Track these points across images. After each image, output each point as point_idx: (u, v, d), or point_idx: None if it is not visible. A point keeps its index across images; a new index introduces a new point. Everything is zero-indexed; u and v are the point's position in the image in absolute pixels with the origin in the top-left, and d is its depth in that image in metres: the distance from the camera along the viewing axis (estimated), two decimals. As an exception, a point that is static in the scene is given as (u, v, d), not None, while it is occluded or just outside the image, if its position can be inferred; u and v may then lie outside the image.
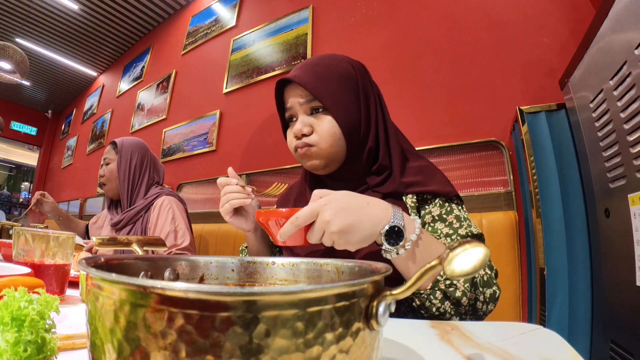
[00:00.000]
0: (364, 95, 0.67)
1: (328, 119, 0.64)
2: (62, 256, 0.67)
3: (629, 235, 0.69)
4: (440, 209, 0.63)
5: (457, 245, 0.21)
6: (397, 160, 0.67)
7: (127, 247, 0.48)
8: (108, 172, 1.39)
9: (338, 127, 0.63)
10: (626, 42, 0.69)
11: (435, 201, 0.64)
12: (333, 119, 0.63)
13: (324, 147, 0.64)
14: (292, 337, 0.16)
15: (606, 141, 0.79)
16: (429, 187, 0.64)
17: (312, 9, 2.08)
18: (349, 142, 0.65)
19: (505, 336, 0.36)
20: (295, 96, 0.66)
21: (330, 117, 0.64)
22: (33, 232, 0.65)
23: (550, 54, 1.25)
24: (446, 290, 0.52)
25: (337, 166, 0.67)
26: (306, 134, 0.65)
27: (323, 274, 0.32)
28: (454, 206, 0.64)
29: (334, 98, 0.63)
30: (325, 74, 0.64)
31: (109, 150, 1.43)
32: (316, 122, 0.65)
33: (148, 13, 3.48)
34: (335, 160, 0.66)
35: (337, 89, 0.64)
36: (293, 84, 0.66)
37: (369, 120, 0.67)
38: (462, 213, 0.63)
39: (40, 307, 0.24)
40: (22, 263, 0.60)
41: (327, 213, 0.46)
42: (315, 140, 0.64)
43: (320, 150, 0.64)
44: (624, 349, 0.73)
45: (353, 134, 0.64)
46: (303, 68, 0.66)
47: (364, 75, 0.69)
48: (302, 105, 0.65)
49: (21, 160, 6.68)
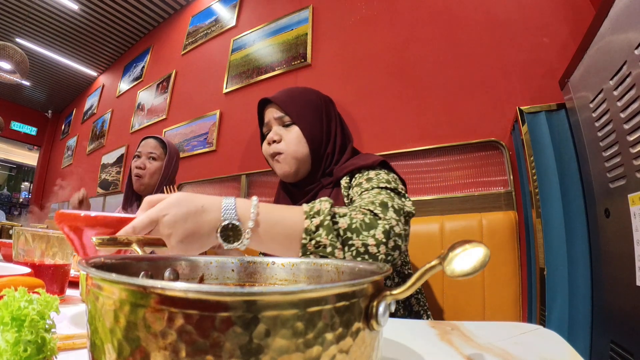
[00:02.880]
0: (326, 117, 0.84)
1: (295, 130, 0.80)
2: (62, 256, 0.67)
3: (629, 235, 0.69)
4: (359, 179, 0.73)
5: (457, 245, 0.21)
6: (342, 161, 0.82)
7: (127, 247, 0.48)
8: (153, 167, 1.38)
9: (303, 137, 0.79)
10: (626, 42, 0.69)
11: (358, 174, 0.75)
12: (299, 130, 0.79)
13: (290, 152, 0.79)
14: (292, 337, 0.16)
15: (606, 141, 0.79)
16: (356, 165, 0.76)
17: (312, 9, 2.08)
18: (312, 149, 0.79)
19: (505, 336, 0.36)
20: (271, 112, 0.83)
21: (297, 129, 0.80)
22: (33, 232, 0.65)
23: (550, 54, 1.25)
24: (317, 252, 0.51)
25: (305, 173, 0.81)
26: (276, 141, 0.80)
27: (323, 274, 0.32)
28: (372, 171, 0.73)
29: (300, 114, 0.80)
30: (296, 97, 0.83)
31: (155, 146, 1.41)
32: (285, 132, 0.81)
33: (148, 13, 3.48)
34: (301, 166, 0.80)
35: (303, 108, 0.81)
36: (271, 104, 0.85)
37: (329, 135, 0.83)
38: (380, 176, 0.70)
39: (40, 307, 0.24)
40: (22, 263, 0.60)
41: (166, 228, 0.45)
42: (283, 147, 0.79)
43: (287, 156, 0.79)
44: (624, 349, 0.73)
45: (316, 142, 0.80)
46: (280, 92, 0.85)
47: (328, 104, 0.87)
48: (276, 120, 0.82)
49: (21, 160, 6.68)
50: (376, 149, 1.58)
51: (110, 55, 4.24)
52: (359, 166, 0.75)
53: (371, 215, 0.55)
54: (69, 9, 3.42)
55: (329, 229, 0.50)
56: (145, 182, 1.37)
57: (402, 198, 0.67)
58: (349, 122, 0.95)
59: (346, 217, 0.53)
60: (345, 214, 0.54)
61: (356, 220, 0.53)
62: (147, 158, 1.39)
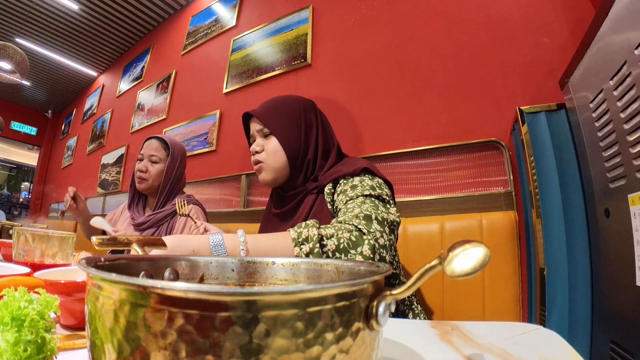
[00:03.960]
0: (305, 125, 0.86)
1: (273, 140, 0.84)
2: (62, 256, 0.67)
3: (629, 235, 0.69)
4: (343, 186, 0.75)
5: (456, 245, 0.21)
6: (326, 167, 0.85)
7: (127, 247, 0.48)
8: (155, 171, 1.34)
9: (280, 147, 0.83)
10: (626, 42, 0.69)
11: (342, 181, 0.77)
12: (277, 140, 0.83)
13: (269, 162, 0.84)
14: (292, 337, 0.16)
15: (606, 141, 0.79)
16: (340, 172, 0.78)
17: (312, 9, 2.08)
18: (290, 157, 0.83)
19: (505, 336, 0.36)
20: (254, 125, 0.88)
21: (275, 139, 0.83)
22: (33, 232, 0.65)
23: (550, 54, 1.25)
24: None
25: (284, 180, 0.86)
26: (258, 151, 0.85)
27: (323, 274, 0.32)
28: (356, 178, 0.76)
29: (277, 125, 0.84)
30: (273, 108, 0.87)
31: (157, 148, 1.37)
32: (266, 143, 0.85)
33: (148, 13, 3.48)
34: (280, 174, 0.84)
35: (280, 119, 0.84)
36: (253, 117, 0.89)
37: (308, 142, 0.85)
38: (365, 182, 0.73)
39: (40, 307, 0.24)
40: (22, 263, 0.60)
41: None
42: (263, 157, 0.84)
43: (267, 165, 0.84)
44: (624, 349, 0.73)
45: (293, 150, 0.83)
46: (261, 105, 0.89)
47: (308, 111, 0.89)
48: (258, 132, 0.86)
49: (21, 160, 6.68)
50: (376, 149, 1.58)
51: (110, 55, 4.24)
52: (342, 174, 0.77)
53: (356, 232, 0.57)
54: (69, 9, 3.42)
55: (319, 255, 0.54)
56: (149, 184, 1.34)
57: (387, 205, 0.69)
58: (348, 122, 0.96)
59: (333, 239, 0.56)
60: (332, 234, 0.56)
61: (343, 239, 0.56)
62: (149, 161, 1.35)
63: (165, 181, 1.34)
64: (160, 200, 1.34)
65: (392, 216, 0.66)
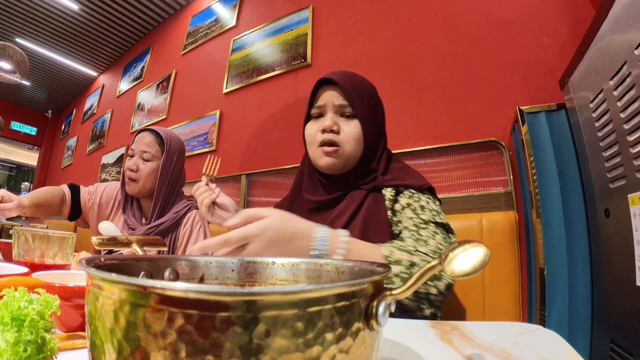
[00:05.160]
0: (380, 113, 0.78)
1: (355, 124, 0.72)
2: (62, 256, 0.67)
3: (629, 235, 0.69)
4: (409, 199, 0.70)
5: (457, 245, 0.21)
6: (382, 165, 0.77)
7: (127, 247, 0.48)
8: (147, 170, 1.13)
9: (362, 134, 0.72)
10: (626, 42, 0.69)
11: (406, 192, 0.72)
12: (360, 126, 0.72)
13: (347, 148, 0.72)
14: (292, 337, 0.16)
15: (606, 141, 0.79)
16: (405, 181, 0.73)
17: (312, 9, 2.08)
18: (365, 149, 0.73)
19: (505, 336, 0.36)
20: (332, 96, 0.73)
21: (357, 123, 0.72)
22: (33, 232, 0.65)
23: (550, 54, 1.25)
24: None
25: (347, 170, 0.75)
26: (335, 131, 0.72)
27: (323, 274, 0.32)
28: (422, 196, 0.71)
29: (364, 109, 0.73)
30: (360, 87, 0.75)
31: (150, 143, 1.15)
32: (344, 124, 0.73)
33: (148, 13, 3.48)
34: (350, 164, 0.74)
35: (366, 102, 0.74)
36: (331, 85, 0.74)
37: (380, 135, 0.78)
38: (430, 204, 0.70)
39: (40, 307, 0.24)
40: (22, 263, 0.60)
41: (256, 249, 0.47)
42: (341, 139, 0.72)
43: (343, 152, 0.72)
44: (624, 349, 0.73)
45: (369, 143, 0.74)
46: (344, 76, 0.75)
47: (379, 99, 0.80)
48: (335, 106, 0.73)
49: (21, 160, 6.68)
50: (376, 149, 1.58)
51: (110, 55, 4.24)
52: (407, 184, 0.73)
53: None
54: (69, 9, 3.42)
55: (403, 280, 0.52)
56: (140, 186, 1.14)
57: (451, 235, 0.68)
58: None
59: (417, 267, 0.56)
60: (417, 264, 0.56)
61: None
62: (140, 158, 1.14)
63: (161, 183, 1.14)
64: (157, 207, 1.15)
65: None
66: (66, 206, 1.22)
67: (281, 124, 2.06)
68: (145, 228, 1.14)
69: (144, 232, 1.14)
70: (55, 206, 1.19)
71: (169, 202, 1.20)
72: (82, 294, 0.37)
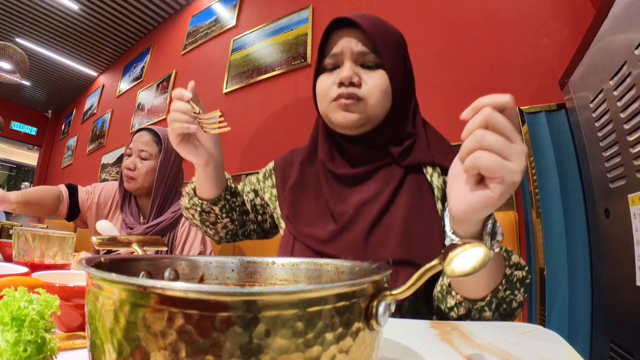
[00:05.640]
0: (409, 66, 0.65)
1: (381, 74, 0.58)
2: (62, 256, 0.67)
3: (629, 235, 0.69)
4: None
5: (457, 245, 0.21)
6: (420, 127, 0.63)
7: (127, 247, 0.48)
8: (144, 168, 1.14)
9: (389, 86, 0.58)
10: (626, 42, 0.69)
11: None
12: (386, 76, 0.58)
13: (371, 102, 0.57)
14: (292, 337, 0.16)
15: (606, 141, 0.79)
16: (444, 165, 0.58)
17: (312, 9, 2.08)
18: (393, 104, 0.60)
19: (505, 336, 0.36)
20: (349, 42, 0.58)
21: (383, 73, 0.58)
22: (33, 232, 0.65)
23: (550, 54, 1.25)
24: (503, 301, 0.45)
25: (369, 128, 0.60)
26: (355, 84, 0.57)
27: (323, 274, 0.32)
28: None
29: (392, 56, 0.59)
30: (386, 31, 0.61)
31: (148, 142, 1.16)
32: (367, 75, 0.58)
33: (148, 13, 3.48)
34: (373, 120, 0.60)
35: (394, 48, 0.60)
36: (347, 28, 0.59)
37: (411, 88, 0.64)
38: None
39: (40, 307, 0.24)
40: (22, 263, 0.60)
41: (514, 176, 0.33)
42: (365, 93, 0.57)
43: (366, 107, 0.58)
44: (624, 349, 0.73)
45: (397, 97, 0.60)
46: (365, 17, 0.60)
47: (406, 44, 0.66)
48: (354, 54, 0.58)
49: (21, 160, 6.68)
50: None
51: (110, 55, 4.24)
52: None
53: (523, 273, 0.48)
54: (69, 9, 3.42)
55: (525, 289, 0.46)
56: (138, 184, 1.15)
57: None
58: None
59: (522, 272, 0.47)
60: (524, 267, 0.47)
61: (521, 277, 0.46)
62: (138, 157, 1.16)
63: (158, 181, 1.15)
64: (155, 206, 1.16)
65: None
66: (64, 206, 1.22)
67: (281, 124, 2.06)
68: (144, 227, 1.15)
69: (142, 231, 1.14)
70: (49, 205, 1.19)
71: (167, 201, 1.20)
72: (82, 294, 0.37)
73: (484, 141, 0.32)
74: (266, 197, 0.76)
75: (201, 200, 0.67)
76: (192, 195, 0.68)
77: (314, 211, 0.63)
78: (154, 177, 1.16)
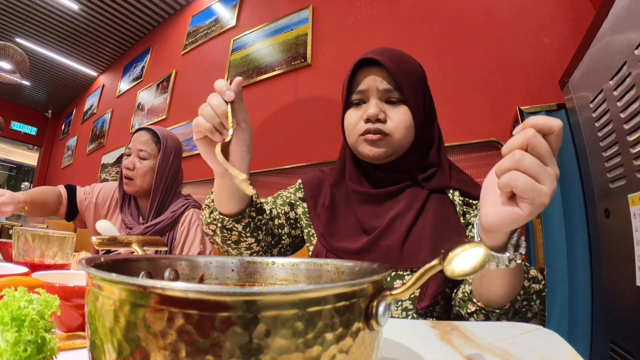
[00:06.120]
0: (428, 94, 0.68)
1: (404, 110, 0.62)
2: (62, 256, 0.67)
3: (629, 235, 0.69)
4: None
5: (456, 245, 0.21)
6: (445, 159, 0.68)
7: (127, 247, 0.48)
8: (143, 168, 1.14)
9: (412, 120, 0.63)
10: (626, 42, 0.69)
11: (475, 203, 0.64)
12: (409, 111, 0.62)
13: (397, 137, 0.62)
14: (292, 337, 0.16)
15: (606, 141, 0.79)
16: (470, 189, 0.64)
17: (312, 9, 2.08)
18: (416, 135, 0.64)
19: (505, 336, 0.36)
20: (375, 80, 0.63)
21: (406, 109, 0.62)
22: (33, 232, 0.65)
23: (550, 54, 1.25)
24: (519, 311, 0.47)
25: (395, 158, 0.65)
26: (381, 120, 0.62)
27: (323, 274, 0.32)
28: None
29: (413, 91, 0.63)
30: (406, 67, 0.64)
31: (147, 142, 1.17)
32: (391, 111, 0.63)
33: (148, 13, 3.48)
34: (398, 152, 0.64)
35: (415, 84, 0.64)
36: (373, 67, 0.64)
37: (431, 117, 0.68)
38: None
39: (40, 307, 0.24)
40: (22, 263, 0.60)
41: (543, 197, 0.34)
42: (390, 129, 0.62)
43: (392, 141, 0.62)
44: (624, 349, 0.73)
45: (420, 129, 0.64)
46: (386, 55, 0.63)
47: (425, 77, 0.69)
48: (379, 91, 0.63)
49: (21, 160, 6.68)
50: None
51: (110, 55, 4.24)
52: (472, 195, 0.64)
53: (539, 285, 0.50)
54: (69, 9, 3.42)
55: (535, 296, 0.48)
56: (137, 185, 1.15)
57: None
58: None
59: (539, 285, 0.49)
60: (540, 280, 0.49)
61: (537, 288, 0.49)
62: (137, 157, 1.16)
63: (157, 181, 1.15)
64: (154, 206, 1.16)
65: None
66: (63, 206, 1.23)
67: (281, 124, 2.06)
68: (143, 227, 1.15)
69: (141, 231, 1.14)
70: (52, 205, 1.21)
71: (166, 201, 1.20)
72: (82, 294, 0.37)
73: (522, 163, 0.34)
74: (299, 211, 0.74)
75: (222, 216, 0.60)
76: (213, 209, 0.61)
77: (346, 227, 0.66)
78: (153, 177, 1.17)
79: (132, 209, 1.22)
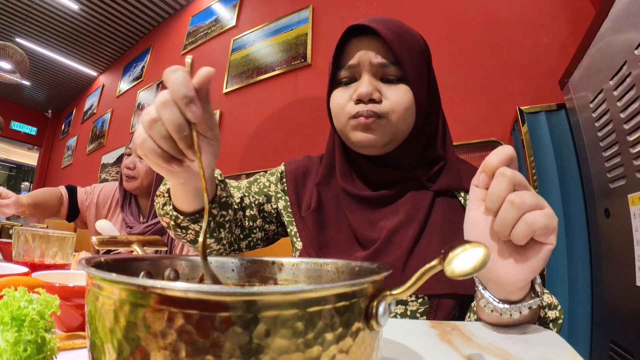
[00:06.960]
0: (432, 73, 0.58)
1: (403, 89, 0.51)
2: (62, 256, 0.67)
3: (629, 236, 0.69)
4: None
5: (456, 245, 0.21)
6: (452, 151, 0.57)
7: (127, 246, 0.48)
8: (144, 168, 1.15)
9: (413, 102, 0.52)
10: (626, 42, 0.69)
11: None
12: (409, 91, 0.51)
13: (394, 120, 0.51)
14: (292, 337, 0.16)
15: (606, 141, 0.79)
16: None
17: (312, 9, 2.08)
18: (417, 122, 0.54)
19: (505, 336, 0.36)
20: (368, 53, 0.51)
21: (406, 88, 0.51)
22: (33, 232, 0.65)
23: (550, 54, 1.25)
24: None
25: (392, 148, 0.55)
26: (375, 101, 0.51)
27: (323, 274, 0.32)
28: None
29: (416, 68, 0.52)
30: (407, 38, 0.52)
31: None
32: (388, 90, 0.52)
33: (148, 13, 3.48)
34: (396, 140, 0.54)
35: (416, 58, 0.53)
36: (366, 37, 0.52)
37: (434, 102, 0.58)
38: None
39: (40, 307, 0.24)
40: (22, 263, 0.60)
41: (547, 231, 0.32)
42: (386, 110, 0.51)
43: (388, 124, 0.51)
44: (624, 349, 0.73)
45: (421, 114, 0.54)
46: (384, 23, 0.52)
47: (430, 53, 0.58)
48: (373, 66, 0.51)
49: (21, 160, 6.68)
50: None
51: (110, 55, 4.24)
52: None
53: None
54: (69, 9, 3.42)
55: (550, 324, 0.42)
56: (138, 184, 1.15)
57: None
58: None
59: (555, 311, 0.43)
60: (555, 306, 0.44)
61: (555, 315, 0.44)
62: (137, 156, 1.16)
63: (158, 180, 1.15)
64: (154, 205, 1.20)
65: None
66: (64, 207, 1.24)
67: (281, 124, 2.06)
68: (143, 226, 1.15)
69: (141, 230, 1.14)
70: (53, 206, 1.21)
71: None
72: (82, 294, 0.37)
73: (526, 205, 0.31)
74: (280, 205, 0.63)
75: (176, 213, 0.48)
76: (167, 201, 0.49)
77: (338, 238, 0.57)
78: (154, 176, 1.17)
79: (132, 208, 1.22)
